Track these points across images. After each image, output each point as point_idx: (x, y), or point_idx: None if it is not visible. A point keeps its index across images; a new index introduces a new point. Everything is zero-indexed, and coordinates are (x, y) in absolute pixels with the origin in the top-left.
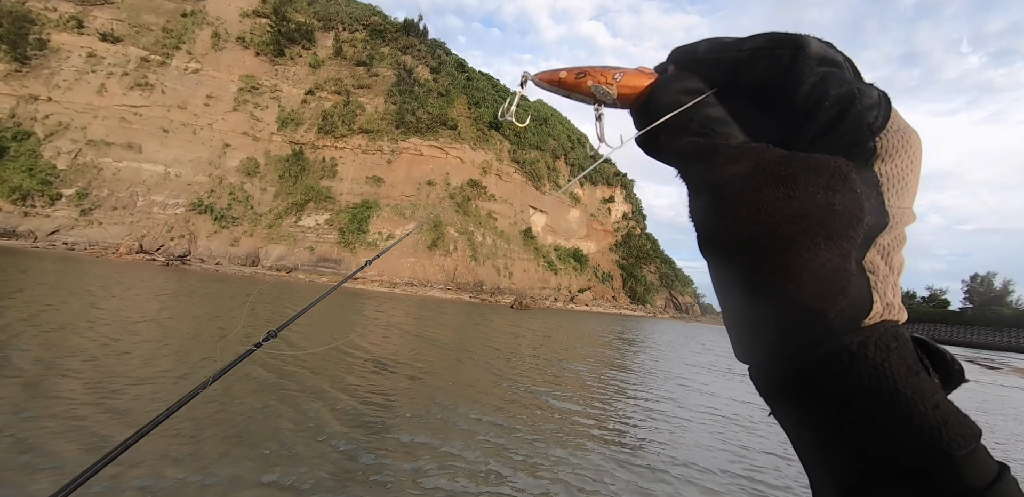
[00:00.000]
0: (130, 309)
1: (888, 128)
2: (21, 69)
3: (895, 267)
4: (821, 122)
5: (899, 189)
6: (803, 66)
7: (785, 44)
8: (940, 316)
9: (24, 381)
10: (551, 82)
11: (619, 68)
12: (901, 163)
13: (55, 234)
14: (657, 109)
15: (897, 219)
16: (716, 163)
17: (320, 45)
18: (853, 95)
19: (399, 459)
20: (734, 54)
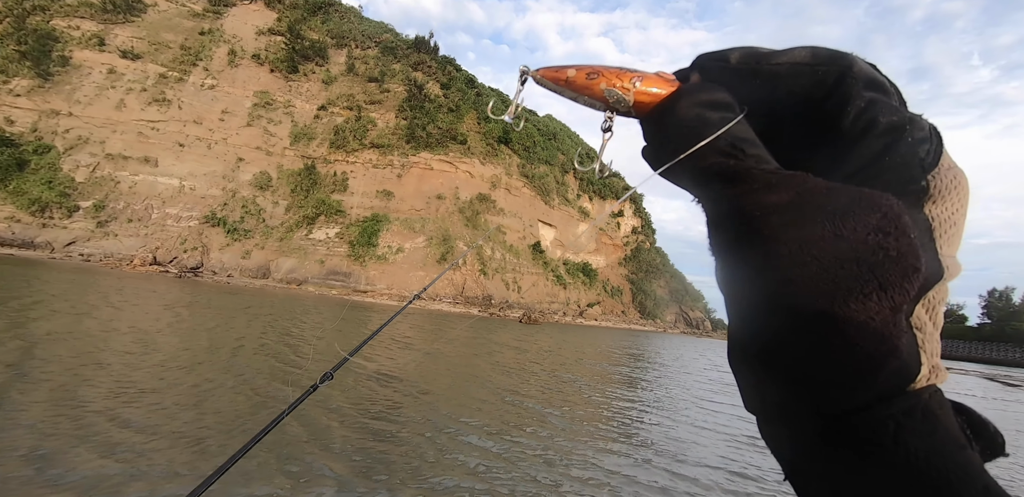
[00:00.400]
0: (146, 320)
1: (940, 166)
2: (44, 85)
3: (939, 324)
4: (868, 153)
5: (951, 235)
6: (850, 88)
7: (830, 61)
8: (958, 332)
9: (53, 385)
10: (556, 81)
11: (637, 71)
12: (952, 206)
13: (71, 245)
14: (675, 123)
15: (950, 270)
16: (750, 189)
17: (333, 62)
18: (904, 125)
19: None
20: (771, 67)
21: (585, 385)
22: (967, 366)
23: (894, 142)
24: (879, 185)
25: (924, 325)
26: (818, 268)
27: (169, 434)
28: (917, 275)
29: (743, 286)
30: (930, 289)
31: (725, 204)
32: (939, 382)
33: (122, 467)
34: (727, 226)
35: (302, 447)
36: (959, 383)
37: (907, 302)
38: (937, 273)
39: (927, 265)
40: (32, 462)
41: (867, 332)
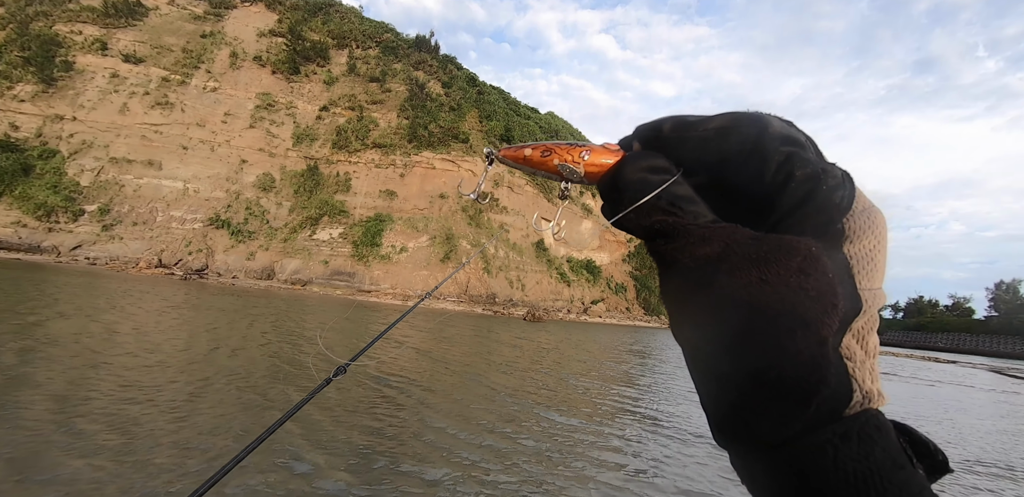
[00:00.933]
0: (150, 321)
1: (854, 209)
2: (48, 90)
3: (870, 351)
4: (788, 203)
5: (869, 270)
6: (767, 145)
7: (749, 124)
8: (964, 325)
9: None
10: (516, 159)
11: (585, 145)
12: (869, 244)
13: (77, 249)
14: (624, 187)
15: (870, 303)
16: (687, 243)
17: (334, 62)
18: (819, 175)
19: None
20: (699, 133)
21: (588, 384)
22: (974, 359)
23: (811, 191)
24: (802, 231)
25: (854, 354)
26: (748, 311)
27: (178, 431)
28: (836, 310)
29: (688, 332)
30: (852, 321)
31: (667, 257)
32: (877, 406)
33: (116, 468)
34: (670, 277)
35: (296, 442)
36: (971, 376)
37: (831, 335)
38: (856, 307)
39: (845, 300)
40: (23, 463)
41: (797, 365)
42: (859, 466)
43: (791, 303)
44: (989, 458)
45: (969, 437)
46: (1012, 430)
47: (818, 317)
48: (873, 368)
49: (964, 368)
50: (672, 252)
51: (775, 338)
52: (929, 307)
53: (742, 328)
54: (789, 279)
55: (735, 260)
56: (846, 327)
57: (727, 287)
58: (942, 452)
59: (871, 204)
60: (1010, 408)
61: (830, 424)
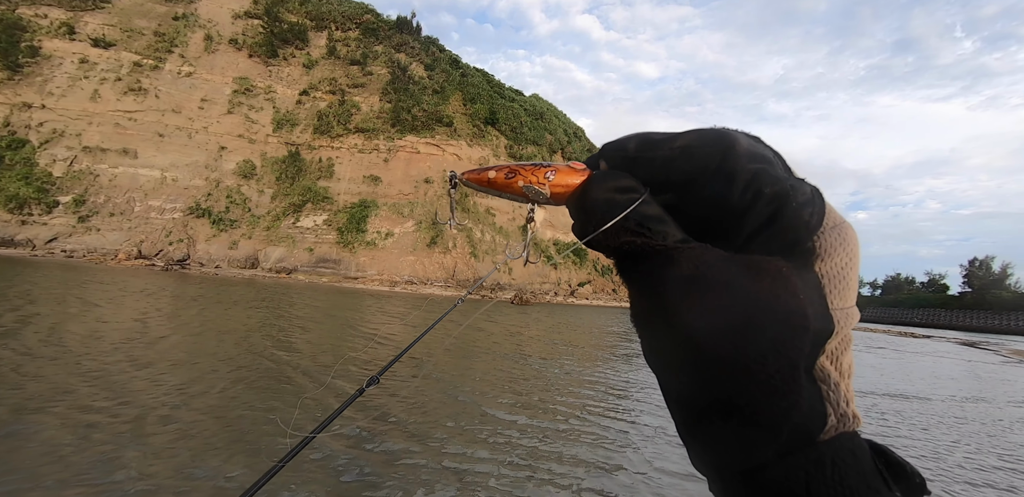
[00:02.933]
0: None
1: (825, 226)
2: (13, 77)
3: (844, 371)
4: (756, 221)
5: (841, 289)
6: (734, 163)
7: (715, 142)
8: (939, 301)
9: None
10: (480, 182)
11: (551, 165)
12: (840, 261)
13: (53, 242)
14: (591, 207)
15: (842, 322)
16: (653, 265)
17: (313, 45)
18: (787, 192)
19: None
20: (665, 152)
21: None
22: (947, 334)
23: (780, 209)
24: (772, 249)
25: (827, 377)
26: (718, 334)
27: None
28: (807, 333)
29: (657, 355)
30: (824, 343)
31: (636, 278)
32: (852, 428)
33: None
34: (639, 298)
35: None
36: (941, 349)
37: (803, 358)
38: (827, 328)
39: (816, 321)
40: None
41: (768, 390)
42: (833, 492)
43: (760, 327)
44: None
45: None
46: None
47: (788, 340)
48: (848, 389)
49: (937, 342)
50: (641, 274)
51: (744, 363)
52: (906, 284)
53: (709, 353)
54: (759, 301)
55: (703, 283)
56: (819, 349)
57: (695, 310)
58: (919, 474)
59: (842, 220)
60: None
61: (803, 450)
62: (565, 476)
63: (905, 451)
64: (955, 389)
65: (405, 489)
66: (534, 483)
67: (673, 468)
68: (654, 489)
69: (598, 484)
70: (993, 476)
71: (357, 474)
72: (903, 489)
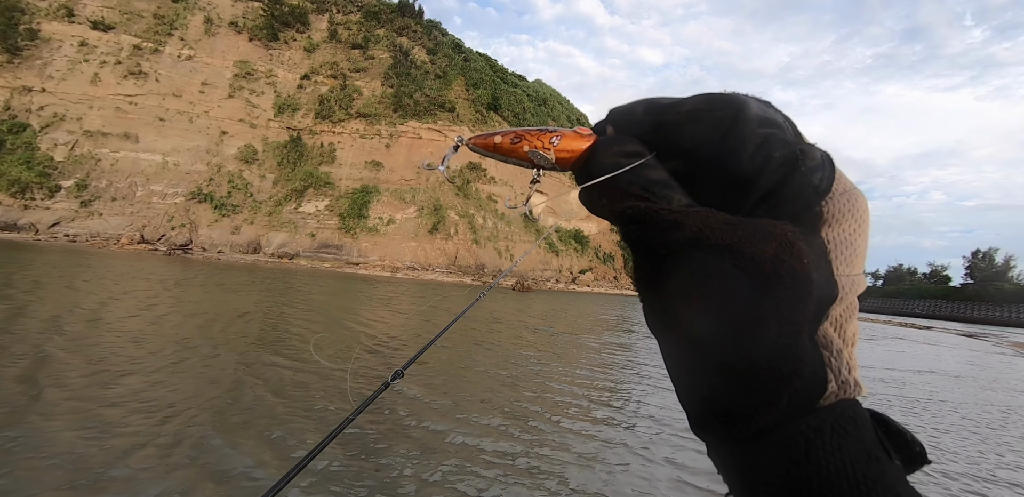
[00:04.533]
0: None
1: (834, 191)
2: (13, 60)
3: (848, 339)
4: (766, 185)
5: (848, 256)
6: (744, 128)
7: (724, 105)
8: (941, 292)
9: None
10: (486, 147)
11: (556, 130)
12: (848, 227)
13: (56, 226)
14: (598, 171)
15: (847, 289)
16: (657, 229)
17: (314, 28)
18: (796, 157)
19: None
20: (673, 117)
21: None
22: (948, 325)
23: (789, 173)
24: (780, 214)
25: (830, 343)
26: (721, 299)
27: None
28: (810, 298)
29: (659, 320)
30: (828, 309)
31: (639, 244)
32: (854, 396)
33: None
34: (642, 264)
35: (289, 417)
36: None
37: (806, 323)
38: (831, 294)
39: (820, 287)
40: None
41: (770, 354)
42: (832, 458)
43: (764, 291)
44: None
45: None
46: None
47: (792, 305)
48: (851, 357)
49: (937, 333)
50: (644, 238)
51: (747, 327)
52: (908, 275)
53: (713, 317)
54: (763, 266)
55: (707, 246)
56: (822, 315)
57: (698, 274)
58: (920, 443)
59: (852, 186)
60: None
61: (804, 416)
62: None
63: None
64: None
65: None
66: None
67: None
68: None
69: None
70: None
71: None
72: (904, 458)
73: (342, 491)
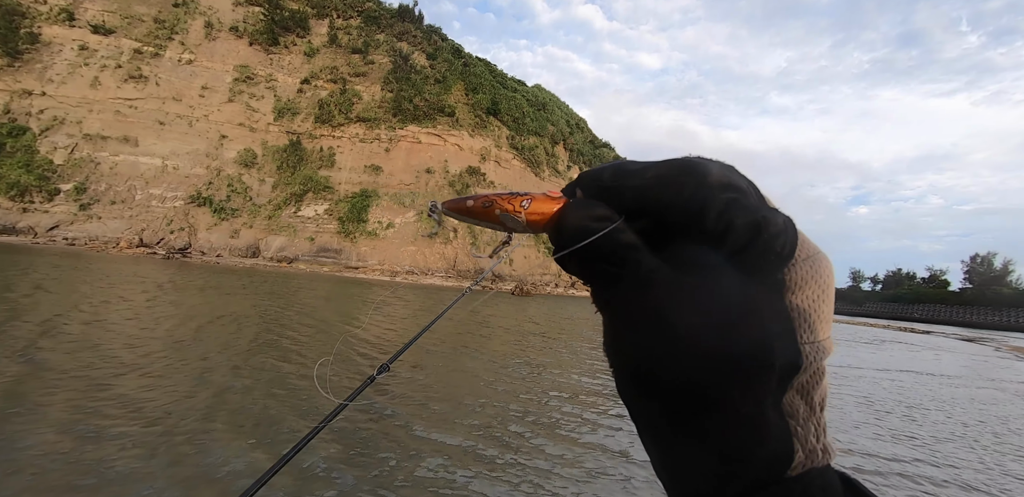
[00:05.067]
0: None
1: (797, 257)
2: (13, 64)
3: (816, 405)
4: (729, 250)
5: (812, 322)
6: (706, 193)
7: (687, 171)
8: (939, 297)
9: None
10: (459, 211)
11: (527, 194)
12: (812, 294)
13: (55, 230)
14: (567, 235)
15: (812, 356)
16: (624, 289)
17: (314, 33)
18: (759, 223)
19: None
20: (639, 182)
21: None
22: (947, 329)
23: (752, 239)
24: (744, 279)
25: (796, 411)
26: (682, 364)
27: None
28: (772, 369)
29: (623, 388)
30: (791, 378)
31: (606, 306)
32: (823, 463)
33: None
34: (610, 325)
35: (280, 417)
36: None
37: (769, 394)
38: (795, 363)
39: (782, 356)
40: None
41: (733, 425)
42: None
43: (726, 359)
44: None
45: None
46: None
47: (754, 376)
48: (819, 423)
49: (937, 337)
50: (611, 302)
51: (711, 397)
52: (906, 279)
53: (671, 385)
54: (722, 332)
55: (670, 309)
56: (786, 384)
57: (658, 336)
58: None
59: (817, 251)
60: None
61: (769, 487)
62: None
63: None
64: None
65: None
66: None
67: None
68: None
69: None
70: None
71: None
72: None
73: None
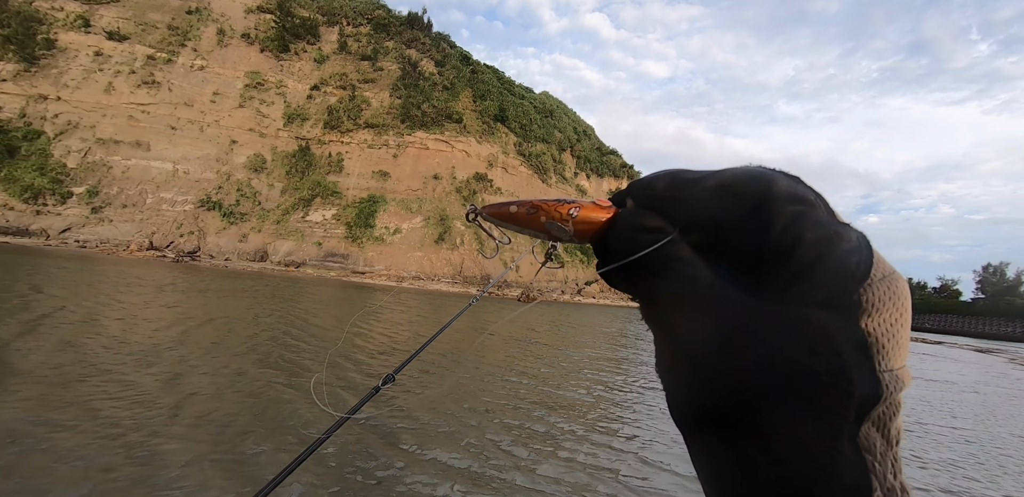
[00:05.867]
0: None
1: (872, 277)
2: (30, 69)
3: (892, 438)
4: (795, 269)
5: (891, 348)
6: (772, 206)
7: (751, 182)
8: (951, 307)
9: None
10: (501, 216)
11: (575, 202)
12: (891, 317)
13: (67, 232)
14: (616, 247)
15: (891, 386)
16: (678, 314)
17: (324, 40)
18: (831, 238)
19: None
20: (696, 192)
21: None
22: (959, 340)
23: (823, 256)
24: (811, 301)
25: (874, 445)
26: (747, 393)
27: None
28: (851, 399)
29: (671, 391)
30: (870, 410)
31: (658, 325)
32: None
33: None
34: (663, 347)
35: (301, 415)
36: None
37: (846, 425)
38: (875, 393)
39: (861, 386)
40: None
41: (805, 457)
42: None
43: (796, 387)
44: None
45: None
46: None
47: (829, 405)
48: (896, 458)
49: (949, 348)
50: (664, 323)
51: (776, 431)
52: (917, 289)
53: (740, 415)
54: (796, 360)
55: (728, 335)
56: (864, 416)
57: (719, 367)
58: None
59: (892, 270)
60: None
61: None
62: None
63: None
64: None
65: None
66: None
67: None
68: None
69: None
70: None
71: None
72: None
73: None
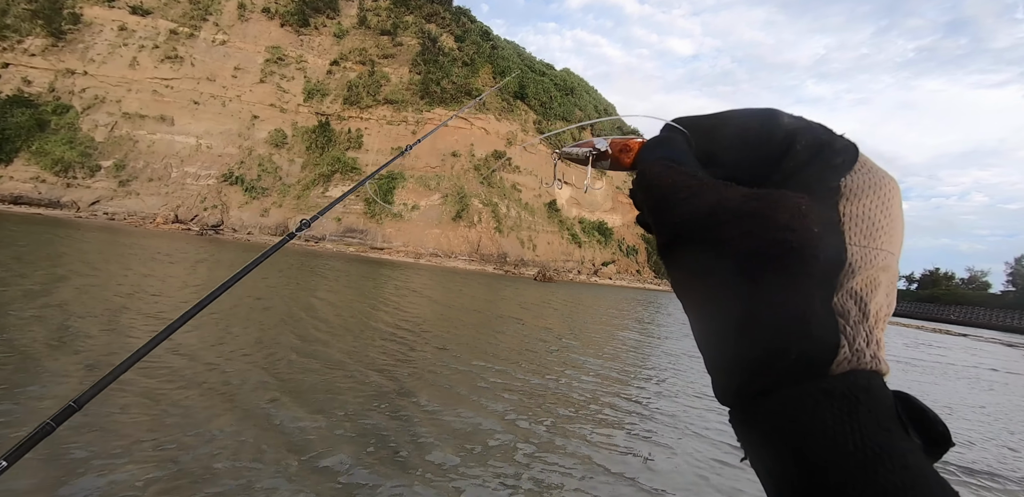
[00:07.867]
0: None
1: (855, 169)
2: (57, 44)
3: (871, 315)
4: (791, 165)
5: (865, 228)
6: (775, 121)
7: (757, 111)
8: (979, 299)
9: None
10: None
11: (627, 137)
12: (869, 203)
13: (96, 204)
14: (642, 154)
15: (860, 259)
16: (677, 199)
17: (344, 14)
18: (823, 142)
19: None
20: (712, 121)
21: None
22: (985, 333)
23: (814, 155)
24: (800, 189)
25: (848, 312)
26: (732, 263)
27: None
28: (815, 262)
29: (679, 289)
30: (836, 275)
31: (654, 215)
32: (870, 368)
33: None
34: (659, 233)
35: (323, 389)
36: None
37: (816, 288)
38: (838, 259)
39: (826, 252)
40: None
41: (780, 315)
42: (839, 422)
43: (773, 255)
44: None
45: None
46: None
47: (798, 268)
48: (872, 332)
49: (975, 341)
50: (663, 208)
51: (756, 289)
52: (944, 279)
53: (724, 280)
54: (775, 234)
55: (724, 215)
56: (832, 280)
57: (711, 242)
58: (942, 423)
59: (877, 168)
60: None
61: (813, 379)
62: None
63: None
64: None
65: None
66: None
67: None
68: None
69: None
70: None
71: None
72: (924, 437)
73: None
